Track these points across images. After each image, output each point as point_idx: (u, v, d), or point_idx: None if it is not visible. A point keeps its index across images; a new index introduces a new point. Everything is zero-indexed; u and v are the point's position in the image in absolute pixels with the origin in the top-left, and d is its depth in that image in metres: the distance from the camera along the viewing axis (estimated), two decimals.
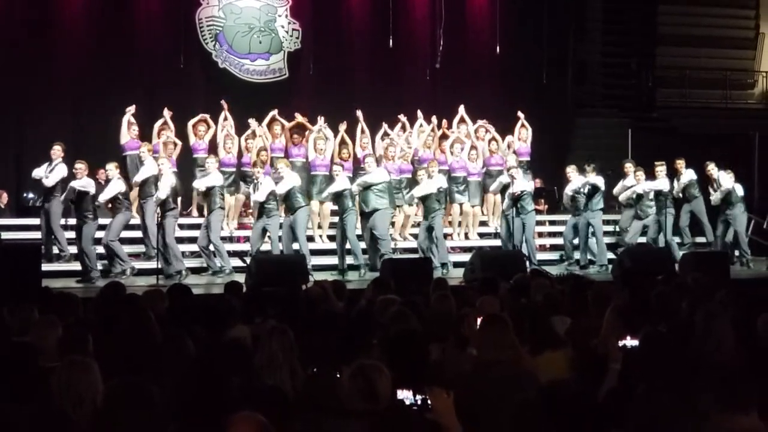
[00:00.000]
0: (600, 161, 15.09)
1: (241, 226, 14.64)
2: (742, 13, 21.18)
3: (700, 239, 15.51)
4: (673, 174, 15.05)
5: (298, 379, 4.86)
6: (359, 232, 13.73)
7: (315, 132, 14.73)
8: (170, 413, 3.97)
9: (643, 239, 15.21)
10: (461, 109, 15.75)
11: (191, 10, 17.02)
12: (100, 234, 12.86)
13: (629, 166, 15.03)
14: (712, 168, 14.96)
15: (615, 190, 15.05)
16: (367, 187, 13.40)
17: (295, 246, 13.32)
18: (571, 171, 14.67)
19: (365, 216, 13.53)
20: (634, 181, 14.74)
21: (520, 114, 15.85)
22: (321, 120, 14.78)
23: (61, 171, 13.03)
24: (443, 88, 18.14)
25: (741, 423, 3.57)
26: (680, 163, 15.15)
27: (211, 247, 13.25)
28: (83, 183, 12.64)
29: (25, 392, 4.47)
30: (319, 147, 14.41)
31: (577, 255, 14.50)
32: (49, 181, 12.97)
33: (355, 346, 5.63)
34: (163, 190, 12.77)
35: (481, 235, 15.37)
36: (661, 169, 14.61)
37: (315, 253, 13.80)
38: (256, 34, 17.32)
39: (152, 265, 12.94)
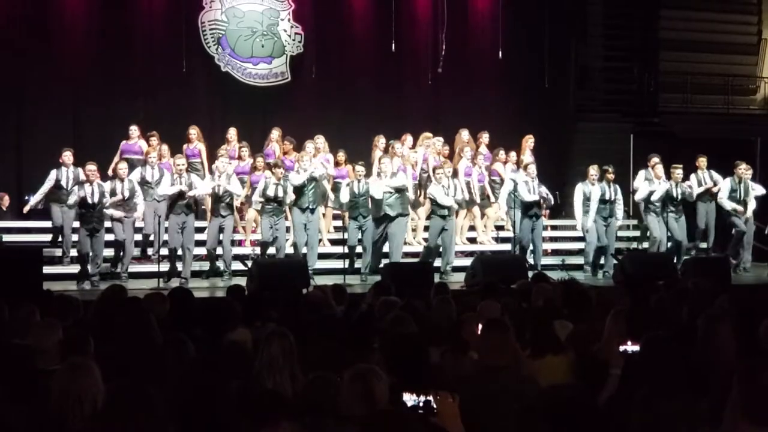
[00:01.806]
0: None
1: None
2: (745, 19, 21.15)
3: (702, 244, 15.48)
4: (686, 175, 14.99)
5: (298, 383, 4.86)
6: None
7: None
8: (170, 416, 3.97)
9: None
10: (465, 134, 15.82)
11: (194, 13, 17.02)
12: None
13: (656, 161, 14.93)
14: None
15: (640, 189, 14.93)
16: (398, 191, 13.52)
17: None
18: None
19: (384, 220, 13.56)
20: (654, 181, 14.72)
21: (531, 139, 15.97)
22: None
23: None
24: (445, 92, 18.15)
25: None
26: (702, 161, 15.11)
27: (218, 251, 13.29)
28: (101, 190, 12.63)
29: (22, 394, 4.48)
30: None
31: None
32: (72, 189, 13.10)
33: (356, 350, 5.63)
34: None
35: (472, 240, 15.37)
36: (678, 172, 14.59)
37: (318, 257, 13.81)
38: (259, 37, 17.31)
39: (153, 268, 13.00)
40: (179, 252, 12.97)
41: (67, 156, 13.53)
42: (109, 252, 12.99)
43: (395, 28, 17.77)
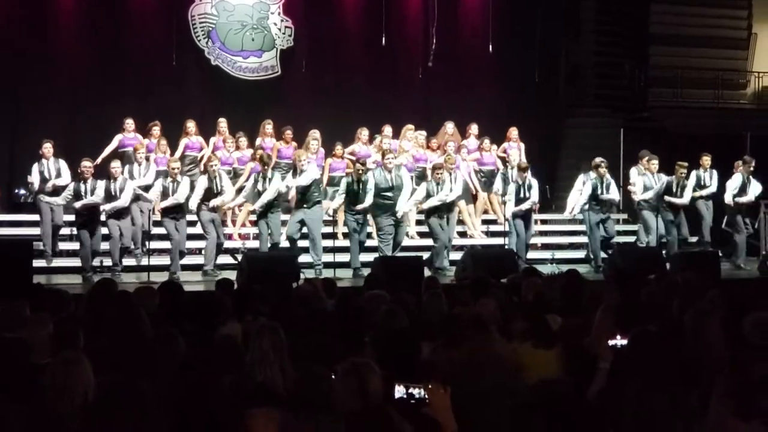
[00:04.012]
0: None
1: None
2: (735, 14, 21.19)
3: (693, 238, 15.48)
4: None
5: (289, 378, 4.86)
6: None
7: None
8: (161, 410, 3.96)
9: (629, 239, 15.31)
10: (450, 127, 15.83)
11: (184, 7, 16.98)
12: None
13: (651, 160, 14.86)
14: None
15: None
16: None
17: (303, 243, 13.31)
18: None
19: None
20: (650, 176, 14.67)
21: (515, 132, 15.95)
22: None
23: (66, 167, 13.16)
24: (436, 87, 18.13)
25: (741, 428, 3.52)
26: (706, 160, 15.03)
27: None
28: (98, 193, 12.55)
29: (16, 388, 4.46)
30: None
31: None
32: (62, 181, 13.11)
33: (348, 344, 5.63)
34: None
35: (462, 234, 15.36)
36: (683, 171, 14.52)
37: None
38: (249, 31, 17.27)
39: (143, 261, 12.97)
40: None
41: (47, 148, 13.33)
42: (104, 246, 12.93)
43: (385, 22, 17.75)
